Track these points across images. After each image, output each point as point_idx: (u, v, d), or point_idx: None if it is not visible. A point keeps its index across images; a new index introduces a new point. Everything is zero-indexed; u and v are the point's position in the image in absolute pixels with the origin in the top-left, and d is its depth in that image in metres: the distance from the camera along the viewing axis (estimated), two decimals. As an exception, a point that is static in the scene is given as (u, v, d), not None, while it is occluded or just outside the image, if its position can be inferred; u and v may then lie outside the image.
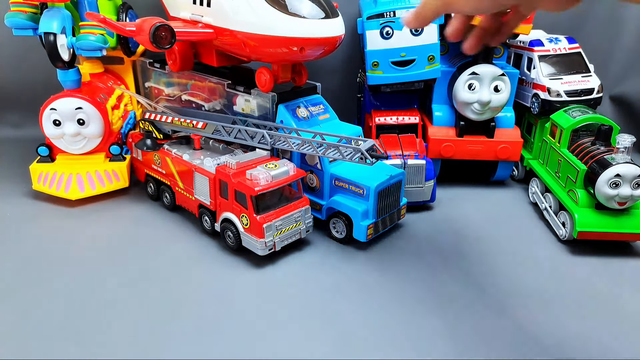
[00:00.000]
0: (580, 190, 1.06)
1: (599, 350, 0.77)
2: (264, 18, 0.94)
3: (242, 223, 0.96)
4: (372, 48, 1.18)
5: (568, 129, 1.14)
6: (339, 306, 0.86)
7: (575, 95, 1.25)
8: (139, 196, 1.25)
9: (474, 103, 1.22)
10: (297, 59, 1.07)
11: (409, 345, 0.77)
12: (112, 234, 1.08)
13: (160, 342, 0.76)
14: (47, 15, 1.09)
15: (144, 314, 0.82)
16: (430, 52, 1.19)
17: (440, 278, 0.95)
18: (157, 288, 0.90)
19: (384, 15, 1.16)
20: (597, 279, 0.96)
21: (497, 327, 0.81)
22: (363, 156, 0.91)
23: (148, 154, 1.20)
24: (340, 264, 0.99)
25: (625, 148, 1.00)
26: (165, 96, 1.37)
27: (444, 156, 1.29)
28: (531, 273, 0.97)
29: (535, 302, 0.88)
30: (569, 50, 1.31)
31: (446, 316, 0.84)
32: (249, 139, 1.04)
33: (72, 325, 0.79)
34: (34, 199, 1.21)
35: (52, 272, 0.93)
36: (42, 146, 1.21)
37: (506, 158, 1.29)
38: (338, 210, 1.05)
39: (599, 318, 0.84)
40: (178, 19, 1.16)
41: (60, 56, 1.10)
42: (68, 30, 1.13)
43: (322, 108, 1.16)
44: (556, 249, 1.06)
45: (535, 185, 1.27)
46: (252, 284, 0.91)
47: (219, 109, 1.24)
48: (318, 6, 0.96)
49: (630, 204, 1.01)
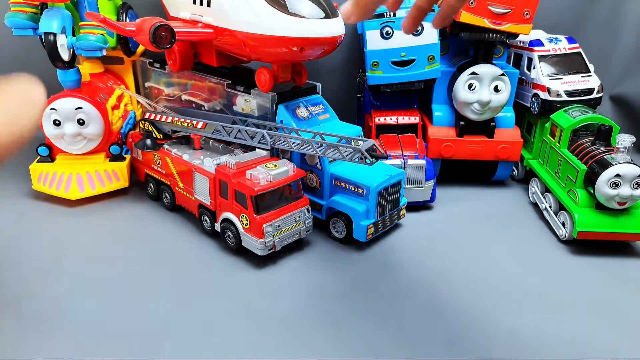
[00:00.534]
0: (580, 190, 1.06)
1: (599, 350, 0.77)
2: (264, 18, 0.94)
3: (242, 223, 0.96)
4: (372, 48, 1.18)
5: (568, 129, 1.14)
6: (339, 306, 0.86)
7: (575, 95, 1.25)
8: (139, 196, 1.25)
9: (474, 103, 1.22)
10: (297, 59, 1.07)
11: (410, 345, 0.77)
12: (112, 234, 1.08)
13: (160, 342, 0.76)
14: (47, 15, 1.09)
15: (143, 314, 0.82)
16: (430, 52, 1.19)
17: (440, 278, 0.95)
18: (157, 288, 0.90)
19: (384, 15, 1.16)
20: (597, 279, 0.96)
21: (497, 327, 0.81)
22: (363, 156, 0.91)
23: (148, 154, 1.20)
24: (340, 264, 0.99)
25: (625, 148, 1.00)
26: (165, 96, 1.37)
27: (444, 156, 1.29)
28: (531, 273, 0.97)
29: (535, 302, 0.88)
30: (569, 50, 1.31)
31: (446, 316, 0.84)
32: (249, 139, 1.04)
33: (71, 324, 0.79)
34: (34, 199, 1.21)
35: (51, 272, 0.93)
36: (42, 146, 1.21)
37: (506, 158, 1.29)
38: (338, 210, 1.05)
39: (599, 318, 0.84)
40: (178, 19, 1.16)
41: (60, 56, 1.10)
42: (68, 30, 1.13)
43: (322, 108, 1.16)
44: (556, 249, 1.06)
45: (535, 185, 1.27)
46: (252, 284, 0.91)
47: (219, 109, 1.24)
48: (318, 6, 0.96)
49: (630, 204, 1.01)
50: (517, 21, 1.15)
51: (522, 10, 1.14)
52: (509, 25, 1.15)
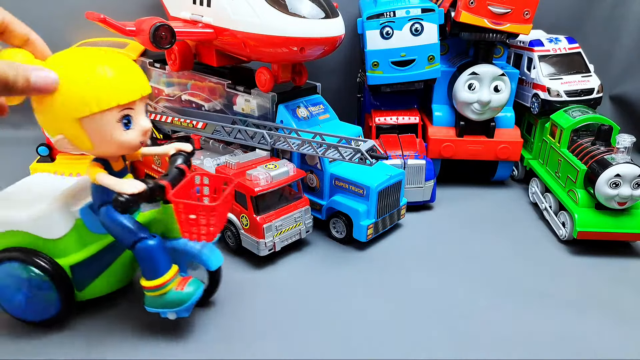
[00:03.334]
0: (580, 190, 1.06)
1: (599, 350, 0.77)
2: (264, 18, 0.94)
3: (242, 223, 0.96)
4: (372, 48, 1.18)
5: (568, 129, 1.14)
6: (339, 306, 0.86)
7: (575, 95, 1.25)
8: (139, 196, 1.25)
9: (474, 103, 1.22)
10: (297, 59, 1.07)
11: (410, 345, 0.77)
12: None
13: (160, 341, 0.76)
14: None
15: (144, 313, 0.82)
16: (430, 52, 1.19)
17: (440, 278, 0.95)
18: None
19: (383, 15, 1.16)
20: (597, 279, 0.96)
21: (496, 327, 0.81)
22: (363, 157, 0.90)
23: (148, 154, 1.20)
24: (340, 264, 0.99)
25: (625, 148, 1.00)
26: (165, 96, 1.37)
27: (444, 156, 1.29)
28: (531, 273, 0.97)
29: (535, 302, 0.88)
30: (569, 50, 1.31)
31: (446, 316, 0.84)
32: (249, 139, 1.04)
33: (69, 324, 0.79)
34: (34, 199, 1.21)
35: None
36: (42, 146, 1.21)
37: (506, 158, 1.29)
38: (338, 210, 1.04)
39: (599, 318, 0.84)
40: (178, 19, 1.16)
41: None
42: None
43: (322, 108, 1.16)
44: (556, 249, 1.06)
45: (535, 185, 1.27)
46: (252, 285, 0.91)
47: (219, 109, 1.24)
48: (318, 6, 0.96)
49: (630, 204, 1.01)
50: (517, 21, 1.15)
51: (522, 10, 1.14)
52: (509, 25, 1.15)
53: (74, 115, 0.62)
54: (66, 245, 0.74)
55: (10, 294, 0.74)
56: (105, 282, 0.79)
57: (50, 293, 0.73)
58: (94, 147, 0.66)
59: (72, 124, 0.63)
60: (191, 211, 0.68)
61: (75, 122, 0.62)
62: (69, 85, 0.61)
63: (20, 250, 0.72)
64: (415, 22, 1.15)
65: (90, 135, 0.64)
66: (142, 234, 0.70)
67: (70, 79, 0.61)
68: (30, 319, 0.76)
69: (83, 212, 0.76)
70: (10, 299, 0.74)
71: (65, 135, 0.64)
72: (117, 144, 0.66)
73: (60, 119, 0.63)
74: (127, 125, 0.66)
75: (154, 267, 0.71)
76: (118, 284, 0.82)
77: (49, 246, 0.73)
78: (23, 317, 0.76)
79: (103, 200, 0.70)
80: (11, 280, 0.73)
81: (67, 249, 0.74)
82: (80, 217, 0.75)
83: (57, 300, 0.74)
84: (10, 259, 0.72)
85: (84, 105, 0.61)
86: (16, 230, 0.72)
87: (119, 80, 0.63)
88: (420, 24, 1.15)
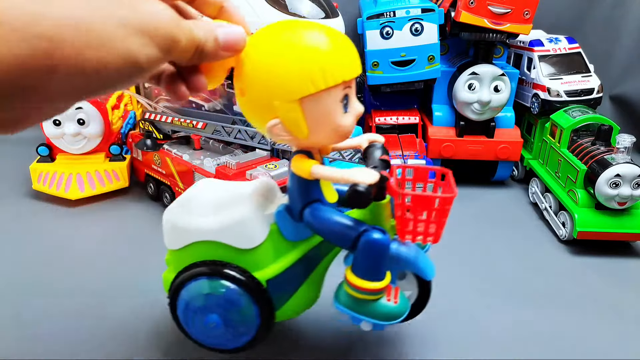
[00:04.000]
0: (580, 190, 1.06)
1: (599, 349, 0.77)
2: (264, 18, 0.94)
3: (242, 223, 0.95)
4: (372, 48, 1.18)
5: (568, 129, 1.14)
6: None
7: (575, 95, 1.25)
8: (139, 196, 1.25)
9: (474, 103, 1.22)
10: (297, 59, 1.07)
11: (410, 345, 0.77)
12: (112, 234, 1.08)
13: (160, 341, 0.76)
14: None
15: (144, 314, 0.82)
16: (430, 52, 1.19)
17: (439, 278, 0.94)
18: (157, 288, 0.89)
19: (383, 15, 1.16)
20: (597, 279, 0.96)
21: (496, 326, 0.81)
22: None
23: (148, 154, 1.20)
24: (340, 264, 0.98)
25: (625, 148, 1.00)
26: (166, 96, 1.37)
27: (444, 156, 1.29)
28: (531, 273, 0.97)
29: (535, 302, 0.88)
30: (569, 50, 1.31)
31: (446, 316, 0.84)
32: (249, 139, 1.04)
33: (71, 324, 0.79)
34: (34, 199, 1.21)
35: (51, 271, 0.93)
36: (42, 146, 1.21)
37: (506, 158, 1.29)
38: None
39: (599, 318, 0.84)
40: (178, 19, 1.16)
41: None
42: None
43: (322, 108, 1.16)
44: (556, 249, 1.06)
45: (535, 185, 1.27)
46: (252, 284, 0.91)
47: (219, 109, 1.24)
48: (318, 6, 0.96)
49: (630, 204, 1.01)
50: (517, 21, 1.15)
51: (522, 10, 1.14)
52: (509, 25, 1.15)
53: (294, 96, 0.52)
54: (262, 256, 0.63)
55: (202, 317, 0.64)
56: (301, 301, 0.67)
57: (248, 309, 0.63)
58: (309, 134, 0.55)
59: (292, 105, 0.52)
60: (423, 205, 0.58)
61: (295, 103, 0.52)
62: (290, 60, 0.51)
63: (213, 264, 0.62)
64: (415, 22, 1.15)
65: (309, 118, 0.53)
66: (364, 226, 0.59)
67: (292, 53, 0.51)
68: (231, 346, 0.66)
69: (279, 215, 0.63)
70: (203, 323, 0.65)
71: (282, 119, 0.53)
72: (334, 129, 0.55)
73: (277, 100, 0.52)
74: (346, 107, 0.55)
75: (377, 266, 0.60)
76: (310, 303, 0.70)
77: (244, 258, 0.62)
78: (219, 346, 0.67)
79: (305, 200, 0.61)
80: (202, 300, 0.63)
81: (262, 261, 0.63)
82: (275, 221, 0.64)
83: (257, 317, 0.64)
84: (200, 274, 0.62)
85: (309, 83, 0.51)
86: (204, 240, 0.62)
87: (342, 54, 0.53)
88: (420, 24, 1.16)
